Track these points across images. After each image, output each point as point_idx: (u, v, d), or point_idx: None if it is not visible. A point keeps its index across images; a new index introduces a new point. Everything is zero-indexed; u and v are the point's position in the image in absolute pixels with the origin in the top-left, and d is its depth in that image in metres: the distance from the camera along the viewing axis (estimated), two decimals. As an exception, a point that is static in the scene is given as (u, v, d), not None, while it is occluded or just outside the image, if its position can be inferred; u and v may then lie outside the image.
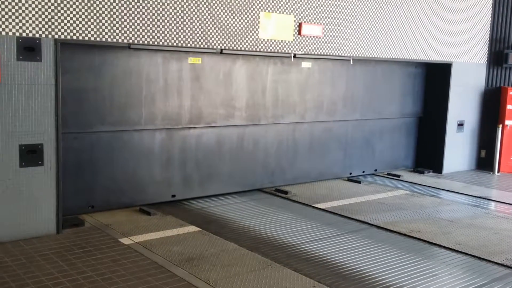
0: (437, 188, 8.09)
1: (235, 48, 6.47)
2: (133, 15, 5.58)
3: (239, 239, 5.32)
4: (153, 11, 5.72)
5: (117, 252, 4.79)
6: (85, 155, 5.82)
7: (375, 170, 8.86)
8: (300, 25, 7.01)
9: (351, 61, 7.79)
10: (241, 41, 6.51)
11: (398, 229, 5.86)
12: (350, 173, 8.49)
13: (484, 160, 9.76)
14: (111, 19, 5.43)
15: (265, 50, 6.76)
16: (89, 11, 5.26)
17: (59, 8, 5.07)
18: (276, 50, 6.86)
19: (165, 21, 5.83)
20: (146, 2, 5.65)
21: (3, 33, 4.76)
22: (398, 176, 8.73)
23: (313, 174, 8.01)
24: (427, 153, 9.36)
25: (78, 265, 4.44)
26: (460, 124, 9.32)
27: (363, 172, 8.67)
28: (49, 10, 5.01)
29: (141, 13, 5.63)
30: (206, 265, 4.57)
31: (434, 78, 9.18)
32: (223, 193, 7.01)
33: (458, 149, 9.37)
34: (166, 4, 5.81)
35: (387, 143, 8.95)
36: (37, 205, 5.10)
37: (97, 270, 4.35)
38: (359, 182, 8.18)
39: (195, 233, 5.43)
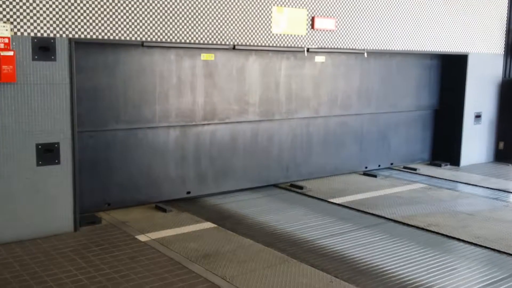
0: (454, 181, 7.99)
1: (247, 43, 6.45)
2: (145, 13, 5.59)
3: (255, 235, 5.31)
4: (166, 9, 5.73)
5: (134, 249, 4.82)
6: (100, 153, 5.86)
7: (391, 163, 8.78)
8: (313, 19, 6.96)
9: (365, 54, 7.72)
10: (253, 36, 6.49)
11: (416, 223, 5.80)
12: (366, 167, 8.43)
13: (503, 152, 9.62)
14: (124, 17, 5.45)
15: (278, 45, 6.72)
16: (102, 9, 5.28)
17: (72, 7, 5.09)
18: (289, 45, 6.83)
19: (178, 18, 5.83)
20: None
21: (18, 33, 4.81)
22: (415, 169, 8.64)
23: (328, 168, 7.96)
24: (444, 146, 9.25)
25: (96, 262, 4.48)
26: (478, 116, 9.18)
27: (379, 166, 8.60)
28: (63, 10, 5.04)
29: (153, 10, 5.64)
30: (223, 261, 4.57)
31: (450, 70, 9.06)
32: (238, 189, 7.00)
33: (475, 141, 9.25)
34: (178, 1, 5.81)
35: (403, 136, 8.86)
36: (54, 203, 5.15)
37: (114, 267, 4.38)
38: (375, 176, 8.11)
39: (211, 230, 5.44)
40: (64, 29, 5.06)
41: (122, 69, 5.83)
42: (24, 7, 4.81)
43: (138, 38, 5.58)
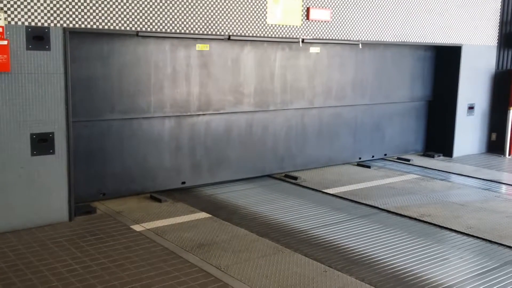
0: (447, 172, 8.05)
1: (242, 34, 6.44)
2: (140, 2, 5.56)
3: (249, 225, 5.34)
4: (160, -2, 5.70)
5: (129, 238, 4.84)
6: (95, 143, 5.85)
7: (385, 154, 8.83)
8: (308, 10, 6.95)
9: (360, 45, 7.72)
10: (248, 27, 6.47)
11: (409, 213, 5.86)
12: (360, 158, 8.47)
13: (495, 143, 9.69)
14: (119, 6, 5.42)
15: (273, 35, 6.72)
16: (96, -1, 5.26)
17: (66, -4, 5.07)
18: (284, 36, 6.82)
19: (173, 8, 5.81)
20: (153, -11, 5.63)
21: (12, 22, 4.77)
22: (408, 160, 8.69)
23: (323, 159, 8.00)
24: (437, 137, 9.31)
25: (91, 252, 4.50)
26: (471, 107, 9.23)
27: (373, 156, 8.65)
28: (57, -1, 5.02)
29: (148, 0, 5.61)
30: (217, 251, 4.60)
31: (444, 61, 9.09)
32: (233, 180, 7.03)
33: (468, 132, 9.31)
34: (173, -10, 5.78)
35: (397, 127, 8.91)
36: (49, 193, 5.15)
37: (109, 257, 4.40)
38: (368, 167, 8.16)
39: (206, 220, 5.46)
40: (58, 18, 5.03)
41: (117, 59, 5.81)
42: (18, -4, 4.78)
43: (133, 28, 5.55)
